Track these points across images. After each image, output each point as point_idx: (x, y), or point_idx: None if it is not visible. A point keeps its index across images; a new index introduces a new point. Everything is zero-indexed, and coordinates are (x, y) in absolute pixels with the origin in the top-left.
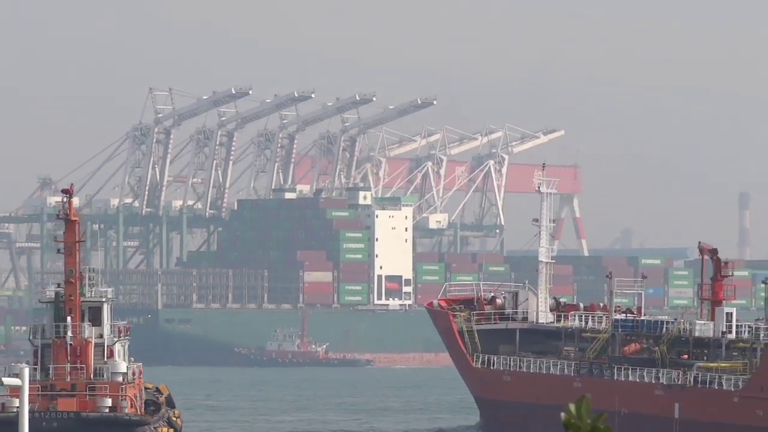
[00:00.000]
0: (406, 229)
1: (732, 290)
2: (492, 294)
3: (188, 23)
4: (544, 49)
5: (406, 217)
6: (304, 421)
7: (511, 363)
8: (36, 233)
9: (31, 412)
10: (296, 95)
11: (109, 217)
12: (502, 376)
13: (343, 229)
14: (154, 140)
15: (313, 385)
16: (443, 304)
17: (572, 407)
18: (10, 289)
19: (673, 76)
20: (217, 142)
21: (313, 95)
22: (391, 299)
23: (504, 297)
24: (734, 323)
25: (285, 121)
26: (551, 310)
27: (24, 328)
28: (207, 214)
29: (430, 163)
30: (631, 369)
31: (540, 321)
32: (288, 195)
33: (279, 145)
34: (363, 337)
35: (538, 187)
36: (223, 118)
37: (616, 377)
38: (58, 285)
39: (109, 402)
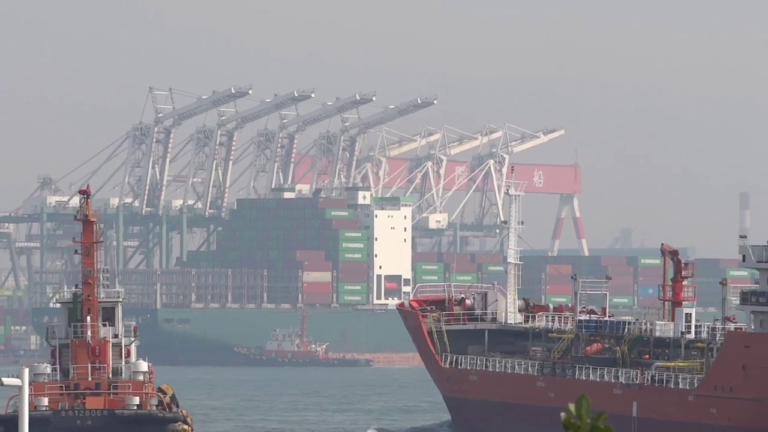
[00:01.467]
0: (405, 229)
1: (693, 291)
2: (462, 295)
3: (188, 23)
4: (544, 49)
5: (405, 216)
6: (275, 421)
7: (478, 363)
8: (36, 233)
9: (62, 410)
10: (296, 95)
11: (109, 217)
12: (469, 376)
13: (343, 228)
14: (154, 140)
15: (299, 384)
16: (414, 304)
17: (572, 407)
18: (10, 289)
19: (673, 76)
20: (217, 142)
21: (313, 95)
22: (390, 299)
23: (473, 298)
24: (693, 324)
25: (285, 121)
26: (520, 311)
27: (24, 327)
28: (207, 213)
29: (430, 163)
30: (592, 368)
31: (508, 322)
32: (287, 195)
33: (279, 144)
34: (362, 337)
35: (507, 190)
36: (223, 118)
37: (577, 377)
38: (76, 286)
39: (136, 400)
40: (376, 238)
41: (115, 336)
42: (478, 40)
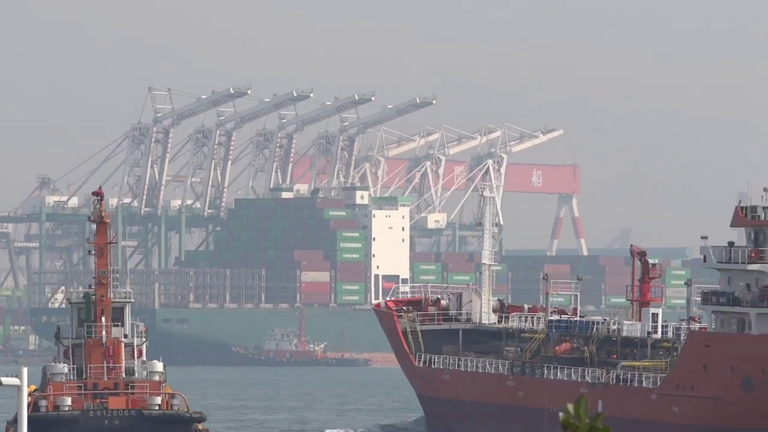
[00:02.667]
0: (403, 229)
1: (660, 291)
2: (438, 296)
3: (187, 23)
4: (544, 49)
5: (403, 216)
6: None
7: (450, 362)
8: (34, 233)
9: (89, 410)
10: (295, 95)
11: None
12: (442, 375)
13: (340, 228)
14: (153, 140)
15: (288, 384)
16: (391, 305)
17: (570, 407)
18: (9, 289)
19: (672, 75)
20: (216, 142)
21: (311, 95)
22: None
23: (449, 299)
24: (660, 324)
25: (284, 121)
26: (495, 312)
27: (23, 327)
28: (206, 213)
29: (428, 163)
30: (560, 368)
31: (483, 322)
32: (285, 195)
33: (278, 144)
34: (360, 336)
35: (482, 192)
36: (222, 118)
37: (546, 376)
38: (90, 286)
39: (158, 400)
40: (374, 238)
41: (125, 336)
42: (478, 40)
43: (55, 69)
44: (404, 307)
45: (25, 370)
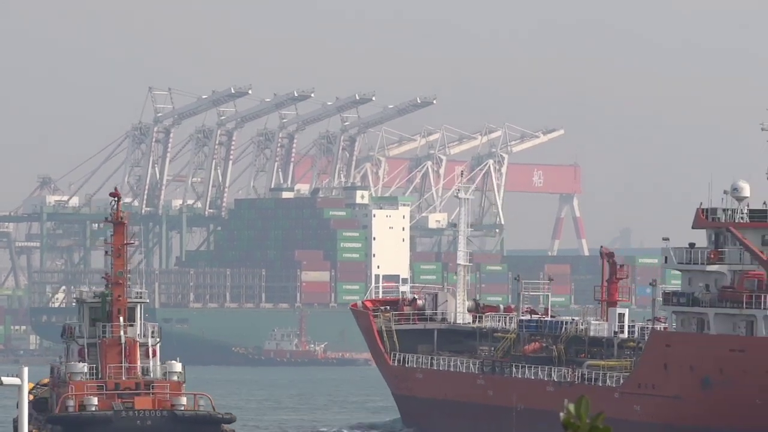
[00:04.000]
0: (403, 229)
1: (627, 292)
2: (414, 296)
3: (188, 23)
4: (544, 49)
5: (403, 216)
6: None
7: (423, 361)
8: (35, 232)
9: (122, 410)
10: (296, 94)
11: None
12: (415, 374)
13: (341, 228)
14: (154, 139)
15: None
16: (368, 305)
17: (571, 407)
18: (10, 289)
19: (672, 74)
20: (217, 142)
21: (312, 94)
22: None
23: (425, 299)
24: (626, 323)
25: (284, 121)
26: (470, 311)
27: (23, 327)
28: (206, 213)
29: (429, 163)
30: (528, 367)
31: (457, 322)
32: (285, 194)
33: (278, 144)
34: (360, 336)
35: (457, 194)
36: (223, 117)
37: (514, 375)
38: (107, 286)
39: (184, 400)
40: (374, 238)
41: (138, 336)
42: (478, 40)
43: (56, 68)
44: (381, 307)
45: (25, 369)
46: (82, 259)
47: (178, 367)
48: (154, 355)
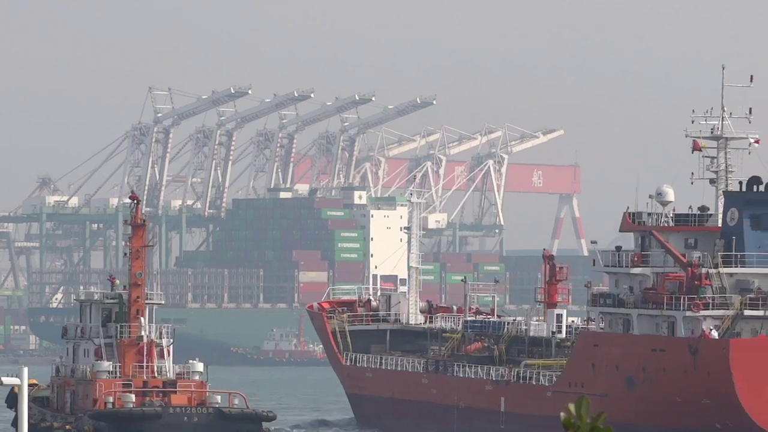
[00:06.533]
0: (401, 229)
1: (566, 293)
2: (369, 297)
3: (187, 22)
4: (543, 49)
5: (401, 216)
6: None
7: (373, 361)
8: (35, 233)
9: (170, 407)
10: (295, 95)
11: (108, 217)
12: (365, 373)
13: (339, 228)
14: (153, 140)
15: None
16: (325, 306)
17: (572, 407)
18: (9, 289)
19: (672, 74)
20: (217, 142)
21: (312, 95)
22: None
23: (378, 300)
24: (564, 324)
25: (284, 121)
26: (423, 312)
27: (23, 327)
28: (206, 213)
29: (429, 163)
30: (468, 366)
31: (410, 322)
32: (283, 195)
33: (278, 144)
34: None
35: (409, 198)
36: (223, 118)
37: (455, 374)
38: (124, 287)
39: (219, 399)
40: (372, 238)
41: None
42: (477, 40)
43: (55, 68)
44: (338, 308)
45: (25, 369)
46: (81, 259)
47: (200, 366)
48: (168, 355)
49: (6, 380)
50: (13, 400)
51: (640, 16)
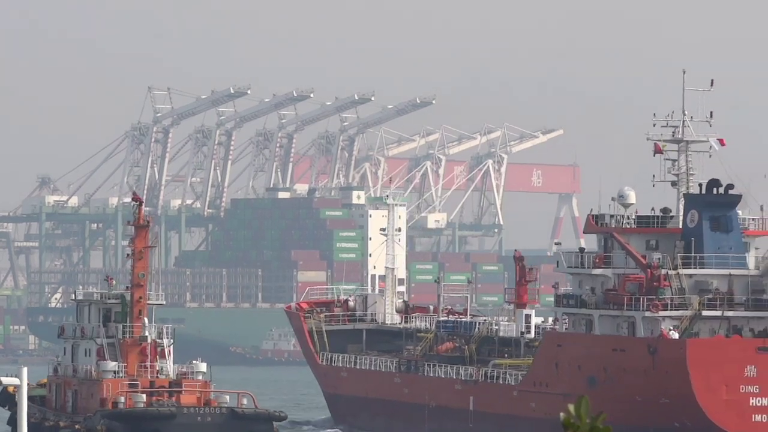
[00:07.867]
0: (399, 229)
1: (535, 294)
2: (346, 297)
3: (187, 22)
4: (543, 49)
5: (399, 216)
6: None
7: (348, 360)
8: (34, 233)
9: (184, 407)
10: (295, 95)
11: (108, 217)
12: (340, 372)
13: (337, 228)
14: (153, 139)
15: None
16: (304, 306)
17: (571, 407)
18: (9, 289)
19: (671, 74)
20: (216, 142)
21: (311, 95)
22: None
23: (356, 300)
24: (533, 324)
25: (284, 121)
26: (399, 312)
27: (23, 327)
28: (205, 213)
29: (428, 163)
30: (440, 366)
31: (386, 322)
32: (281, 194)
33: (278, 144)
34: None
35: (385, 200)
36: (222, 118)
37: (426, 373)
38: (127, 287)
39: (227, 399)
40: (370, 238)
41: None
42: (477, 40)
43: (55, 68)
44: (315, 309)
45: (25, 369)
46: (80, 259)
47: (203, 367)
48: (169, 355)
49: (6, 380)
50: (5, 399)
51: (641, 17)
